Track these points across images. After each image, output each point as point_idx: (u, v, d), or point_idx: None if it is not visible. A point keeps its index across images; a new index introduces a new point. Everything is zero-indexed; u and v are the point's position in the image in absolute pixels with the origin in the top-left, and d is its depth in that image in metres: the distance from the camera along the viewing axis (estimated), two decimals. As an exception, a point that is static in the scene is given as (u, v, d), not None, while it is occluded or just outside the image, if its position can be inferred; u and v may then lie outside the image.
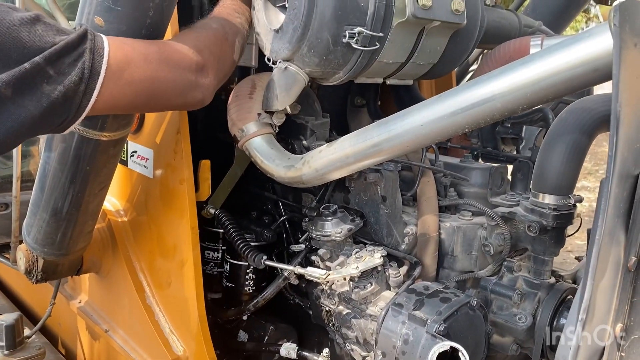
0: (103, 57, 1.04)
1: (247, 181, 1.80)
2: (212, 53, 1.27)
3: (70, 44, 0.99)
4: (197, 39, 1.26)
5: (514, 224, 1.41)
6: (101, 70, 1.03)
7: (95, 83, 1.02)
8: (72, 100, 1.01)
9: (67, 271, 1.86)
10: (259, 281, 1.75)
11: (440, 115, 1.10)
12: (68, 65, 0.98)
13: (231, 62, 1.38)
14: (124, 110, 1.24)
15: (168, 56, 1.17)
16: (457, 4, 1.37)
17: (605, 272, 0.80)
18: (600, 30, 0.87)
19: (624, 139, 0.74)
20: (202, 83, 1.24)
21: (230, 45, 1.35)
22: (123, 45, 1.09)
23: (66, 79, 0.98)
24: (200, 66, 1.23)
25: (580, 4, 2.38)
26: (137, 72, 1.10)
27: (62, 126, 1.05)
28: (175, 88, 1.20)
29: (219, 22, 1.35)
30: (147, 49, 1.14)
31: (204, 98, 1.28)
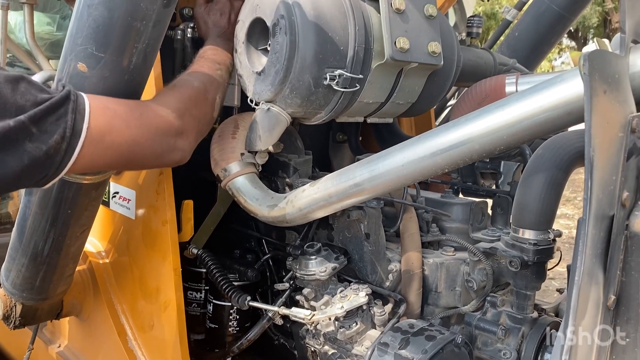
0: (84, 117, 1.06)
1: (230, 219, 1.80)
2: (192, 116, 1.29)
3: (54, 104, 1.02)
4: (179, 102, 1.29)
5: (496, 259, 1.43)
6: (82, 130, 1.06)
7: (77, 142, 1.05)
8: (53, 158, 1.03)
9: (47, 315, 1.82)
10: (243, 321, 1.73)
11: (420, 156, 1.12)
12: (51, 124, 1.01)
13: (210, 120, 1.41)
14: (102, 168, 1.27)
15: (149, 121, 1.20)
16: (433, 46, 1.41)
17: (586, 312, 0.81)
18: (572, 75, 0.90)
19: (598, 181, 0.77)
20: (181, 146, 1.27)
21: (211, 105, 1.38)
22: (106, 110, 1.12)
23: (49, 137, 1.01)
24: (180, 130, 1.26)
25: (552, 41, 2.46)
26: (118, 138, 1.13)
27: (42, 181, 1.07)
28: (154, 152, 1.23)
29: (201, 80, 1.38)
30: (129, 115, 1.17)
31: (181, 160, 1.31)
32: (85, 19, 1.15)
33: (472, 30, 1.92)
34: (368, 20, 1.38)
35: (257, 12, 1.40)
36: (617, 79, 0.80)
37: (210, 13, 1.53)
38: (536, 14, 2.40)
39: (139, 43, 1.18)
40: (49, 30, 2.83)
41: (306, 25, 1.30)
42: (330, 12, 1.33)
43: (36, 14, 2.72)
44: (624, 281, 0.85)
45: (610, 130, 0.79)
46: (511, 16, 2.68)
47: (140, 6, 1.13)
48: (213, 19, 1.52)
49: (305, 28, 1.30)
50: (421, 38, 1.40)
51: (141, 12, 1.14)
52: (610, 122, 0.78)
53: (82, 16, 1.15)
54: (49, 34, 2.79)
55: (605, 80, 0.78)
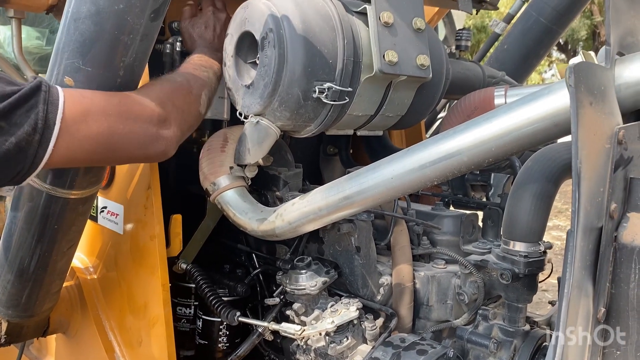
0: (58, 107, 1.02)
1: (220, 233, 1.78)
2: (175, 105, 1.26)
3: (23, 96, 0.98)
4: (160, 91, 1.26)
5: (487, 272, 1.42)
6: (56, 121, 1.02)
7: (51, 134, 1.01)
8: (26, 151, 0.99)
9: (33, 333, 1.79)
10: (233, 337, 1.71)
11: (409, 169, 1.12)
12: (20, 116, 0.97)
13: (197, 114, 1.37)
14: (83, 163, 1.22)
15: (128, 109, 1.16)
16: (422, 59, 1.42)
17: (576, 324, 0.81)
18: (559, 87, 0.91)
19: (585, 193, 0.77)
20: (164, 135, 1.23)
21: (196, 98, 1.35)
22: (81, 98, 1.08)
23: (18, 129, 0.97)
24: (162, 118, 1.22)
25: (541, 54, 2.48)
26: (95, 125, 1.09)
27: (17, 178, 1.03)
28: (135, 141, 1.18)
29: (184, 76, 1.36)
30: (107, 102, 1.13)
31: (167, 150, 1.26)
32: (72, 33, 1.14)
33: (461, 43, 1.93)
34: (357, 34, 1.38)
35: (246, 25, 1.40)
36: (603, 90, 0.81)
37: (195, 26, 1.52)
38: (524, 27, 2.43)
39: (126, 57, 1.18)
40: (38, 45, 2.82)
41: (295, 38, 1.30)
42: (319, 25, 1.34)
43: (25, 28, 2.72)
44: (614, 293, 0.84)
45: (597, 142, 0.79)
46: (500, 29, 2.70)
47: (128, 20, 1.13)
48: (198, 31, 1.52)
49: (293, 41, 1.30)
50: (410, 51, 1.40)
51: (128, 26, 1.14)
52: (596, 133, 0.78)
53: (69, 30, 1.15)
54: (38, 48, 2.79)
55: (591, 92, 0.78)
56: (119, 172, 1.65)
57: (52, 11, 1.50)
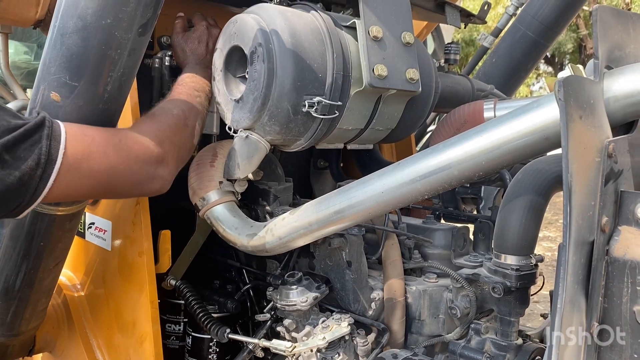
0: (60, 143, 1.04)
1: (210, 249, 1.76)
2: (172, 143, 1.27)
3: (28, 130, 1.00)
4: (159, 129, 1.27)
5: (479, 286, 1.41)
6: (58, 157, 1.03)
7: (52, 168, 1.03)
8: (28, 185, 1.00)
9: (19, 353, 1.75)
10: (223, 354, 1.68)
11: (400, 183, 1.12)
12: (24, 150, 0.99)
13: (191, 147, 1.39)
14: (79, 198, 1.24)
15: (128, 148, 1.18)
16: (411, 73, 1.42)
17: (569, 340, 0.80)
18: (548, 101, 0.91)
19: (577, 207, 0.76)
20: (161, 174, 1.24)
21: (191, 132, 1.37)
22: (83, 136, 1.10)
23: (22, 164, 0.98)
24: (160, 158, 1.23)
25: (529, 67, 2.50)
26: (96, 165, 1.10)
27: (16, 210, 1.04)
28: (133, 180, 1.20)
29: (180, 107, 1.36)
30: (108, 141, 1.14)
31: (162, 188, 1.28)
32: (59, 48, 1.13)
33: (450, 57, 1.94)
34: (346, 48, 1.38)
35: (235, 40, 1.40)
36: (592, 104, 0.81)
37: (188, 41, 1.52)
38: (512, 41, 2.45)
39: (113, 72, 1.17)
40: (26, 59, 2.81)
41: (284, 52, 1.30)
42: (308, 39, 1.34)
43: (13, 43, 2.71)
44: (606, 307, 0.83)
45: (587, 155, 0.79)
46: (488, 43, 2.72)
47: (115, 35, 1.12)
48: (191, 46, 1.51)
49: (283, 56, 1.30)
50: (399, 65, 1.40)
51: (116, 40, 1.13)
52: (587, 147, 0.78)
53: (56, 45, 1.14)
54: (26, 62, 2.77)
55: (581, 106, 0.78)
56: (107, 188, 1.63)
57: (39, 26, 1.49)
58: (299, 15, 1.37)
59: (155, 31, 1.28)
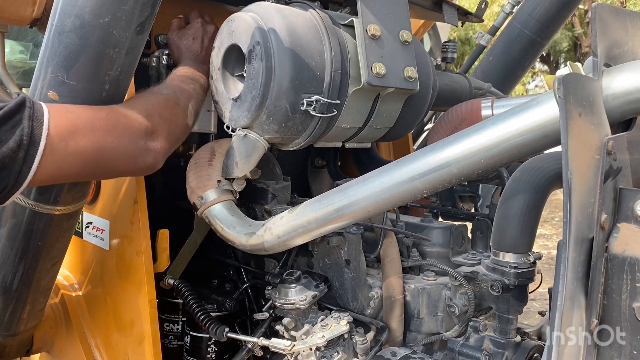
0: (43, 124, 1.01)
1: (208, 248, 1.76)
2: (162, 117, 1.25)
3: (8, 112, 0.97)
4: (147, 103, 1.25)
5: (477, 284, 1.42)
6: (41, 138, 1.00)
7: (36, 150, 0.99)
8: (10, 168, 0.97)
9: (16, 353, 1.74)
10: (222, 354, 1.68)
11: (399, 181, 1.12)
12: (4, 132, 0.96)
13: (184, 126, 1.36)
14: (70, 179, 1.20)
15: (116, 122, 1.15)
16: (409, 71, 1.42)
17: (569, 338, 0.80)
18: (547, 98, 0.91)
19: (576, 204, 0.77)
20: (152, 147, 1.21)
21: (183, 110, 1.34)
22: (67, 114, 1.07)
23: (3, 146, 0.95)
24: (149, 131, 1.20)
25: (525, 65, 2.51)
26: (83, 141, 1.07)
27: (1, 196, 1.01)
28: (124, 155, 1.17)
29: (170, 88, 1.35)
30: (94, 116, 1.11)
31: (155, 163, 1.25)
32: (57, 47, 1.13)
33: (447, 55, 1.94)
34: (344, 46, 1.38)
35: (233, 38, 1.39)
36: (591, 101, 0.81)
37: (183, 38, 1.51)
38: (509, 39, 2.45)
39: (111, 71, 1.16)
40: (22, 59, 2.79)
41: (282, 51, 1.29)
42: (306, 38, 1.33)
43: (9, 42, 2.69)
44: (606, 304, 0.84)
45: (587, 153, 0.79)
46: (485, 41, 2.73)
47: (113, 33, 1.11)
48: (185, 43, 1.51)
49: (281, 54, 1.29)
50: (397, 63, 1.40)
51: (113, 39, 1.12)
52: (586, 144, 0.79)
53: (53, 43, 1.13)
54: (22, 62, 2.76)
55: (580, 103, 0.78)
56: (105, 187, 1.63)
57: (35, 25, 1.48)
58: (296, 13, 1.37)
59: (152, 30, 1.27)
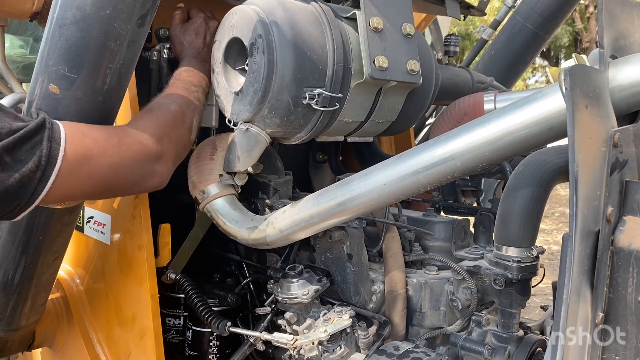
0: (60, 145, 1.03)
1: (209, 242, 1.76)
2: (170, 140, 1.27)
3: (29, 132, 0.99)
4: (157, 126, 1.26)
5: (480, 278, 1.41)
6: (58, 158, 1.03)
7: (52, 170, 1.02)
8: (26, 187, 1.00)
9: (18, 347, 1.74)
10: (224, 348, 1.68)
11: (402, 175, 1.11)
12: (25, 152, 0.98)
13: (188, 144, 1.39)
14: (78, 199, 1.24)
15: (128, 148, 1.17)
16: (412, 65, 1.41)
17: (575, 330, 0.80)
18: (552, 91, 0.90)
19: (583, 197, 0.76)
20: (159, 171, 1.24)
21: (188, 128, 1.36)
22: (83, 137, 1.09)
23: (23, 166, 0.98)
24: (159, 155, 1.23)
25: (527, 59, 2.50)
26: (96, 165, 1.10)
27: (13, 212, 1.03)
28: (132, 178, 1.20)
29: (177, 102, 1.36)
30: (108, 141, 1.14)
31: (160, 184, 1.28)
32: (57, 40, 1.12)
33: (450, 49, 1.94)
34: (346, 39, 1.38)
35: (234, 31, 1.38)
36: (597, 93, 0.80)
37: (186, 33, 1.51)
38: (511, 33, 2.44)
39: (113, 64, 1.16)
40: (22, 53, 2.79)
41: (284, 44, 1.29)
42: (308, 31, 1.32)
43: (9, 37, 2.68)
44: (612, 297, 0.83)
45: (593, 145, 0.78)
46: (487, 35, 2.72)
47: (114, 26, 1.11)
48: (188, 39, 1.50)
49: (283, 47, 1.29)
50: (399, 56, 1.40)
51: (115, 32, 1.11)
52: (592, 136, 0.78)
53: (54, 36, 1.12)
54: (22, 56, 2.75)
55: (587, 95, 0.77)
56: (106, 182, 1.62)
57: (36, 18, 1.47)
58: (298, 6, 1.36)
59: (153, 24, 1.26)
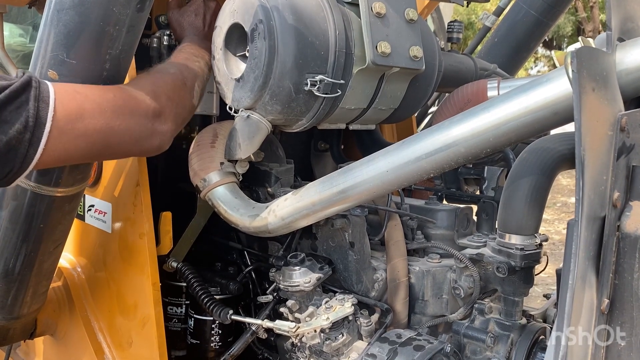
0: (49, 105, 0.99)
1: (211, 231, 1.75)
2: (169, 98, 1.23)
3: (13, 92, 0.95)
4: (154, 84, 1.23)
5: (483, 266, 1.40)
6: (47, 119, 0.98)
7: (42, 132, 0.97)
8: (16, 150, 0.95)
9: (20, 335, 1.74)
10: (226, 336, 1.68)
11: (405, 161, 1.10)
12: (10, 112, 0.94)
13: (190, 106, 1.35)
14: (78, 161, 1.19)
15: (124, 103, 1.13)
16: (415, 51, 1.39)
17: (580, 316, 0.79)
18: (557, 75, 0.89)
19: (589, 182, 0.75)
20: (160, 129, 1.21)
21: (189, 90, 1.32)
22: (75, 94, 1.05)
23: (9, 127, 0.93)
24: (157, 112, 1.19)
25: (531, 46, 2.48)
26: (91, 123, 1.05)
27: (7, 178, 0.99)
28: (131, 136, 1.16)
29: (177, 67, 1.33)
30: (102, 97, 1.10)
31: (162, 144, 1.24)
32: (56, 24, 1.11)
33: (453, 36, 1.92)
34: (348, 25, 1.36)
35: (235, 17, 1.37)
36: (605, 76, 0.79)
37: (185, 15, 1.49)
38: (514, 20, 2.42)
39: (112, 49, 1.14)
40: (22, 42, 2.77)
41: (285, 29, 1.27)
42: (310, 16, 1.31)
43: (8, 26, 2.67)
44: (617, 284, 0.82)
45: (600, 129, 0.77)
46: (490, 22, 2.69)
47: (113, 11, 1.09)
48: (188, 20, 1.48)
49: (284, 33, 1.27)
50: (402, 42, 1.38)
51: (114, 16, 1.10)
52: (599, 120, 0.77)
53: (52, 21, 1.11)
54: (22, 45, 2.74)
55: (594, 78, 0.76)
56: (107, 169, 1.62)
57: (34, 4, 1.46)
58: (300, -9, 1.34)
59: (153, 10, 1.25)
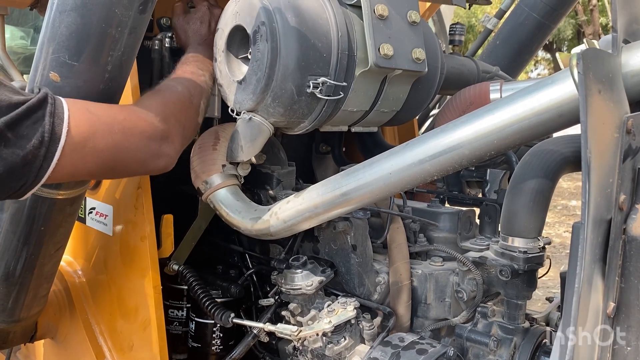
0: (63, 121, 1.01)
1: (212, 234, 1.74)
2: (177, 120, 1.25)
3: (30, 107, 0.96)
4: (164, 105, 1.24)
5: (486, 269, 1.40)
6: (62, 135, 1.00)
7: (56, 147, 0.99)
8: (31, 164, 0.97)
9: (20, 339, 1.74)
10: (227, 340, 1.67)
11: (408, 164, 1.09)
12: (27, 128, 0.96)
13: (196, 126, 1.37)
14: (84, 177, 1.21)
15: (134, 126, 1.15)
16: (417, 53, 1.39)
17: (586, 320, 0.78)
18: (562, 77, 0.88)
19: (595, 184, 0.74)
20: (166, 151, 1.22)
21: (195, 109, 1.34)
22: (88, 114, 1.07)
23: (26, 142, 0.95)
24: (165, 135, 1.21)
25: (533, 49, 2.48)
26: (101, 143, 1.07)
27: (20, 191, 1.01)
28: (138, 158, 1.18)
29: (184, 85, 1.34)
30: (113, 118, 1.11)
31: (167, 165, 1.25)
32: (57, 26, 1.10)
33: (455, 38, 1.91)
34: (351, 27, 1.36)
35: (237, 19, 1.36)
36: (610, 78, 0.78)
37: (190, 22, 1.49)
38: (516, 23, 2.42)
39: (114, 51, 1.14)
40: (23, 45, 2.77)
41: (288, 31, 1.27)
42: (312, 18, 1.31)
43: (10, 28, 2.67)
44: (623, 287, 0.82)
45: (606, 131, 0.77)
46: (491, 25, 2.69)
47: (115, 12, 1.09)
48: (193, 27, 1.48)
49: (286, 35, 1.27)
50: (405, 44, 1.38)
51: (116, 18, 1.10)
52: (605, 122, 0.76)
53: (54, 22, 1.10)
54: (23, 47, 2.73)
55: (600, 80, 0.76)
56: (108, 172, 1.61)
57: (36, 6, 1.46)
58: (302, -7, 1.34)
59: (155, 12, 1.24)
